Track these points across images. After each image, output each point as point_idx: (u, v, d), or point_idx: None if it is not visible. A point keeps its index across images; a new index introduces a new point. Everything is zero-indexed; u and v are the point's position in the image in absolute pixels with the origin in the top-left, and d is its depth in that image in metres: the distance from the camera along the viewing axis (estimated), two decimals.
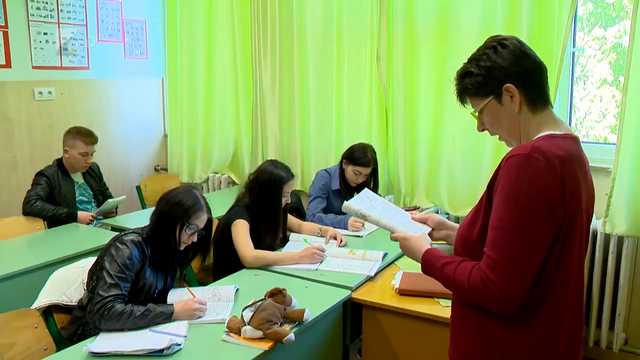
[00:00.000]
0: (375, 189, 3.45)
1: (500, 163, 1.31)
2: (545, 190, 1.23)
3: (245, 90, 4.44)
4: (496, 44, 1.37)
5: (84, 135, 3.47)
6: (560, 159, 1.26)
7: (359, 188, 3.47)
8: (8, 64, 3.84)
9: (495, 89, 1.36)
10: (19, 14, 3.87)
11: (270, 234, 2.85)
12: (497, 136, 1.45)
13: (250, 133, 4.45)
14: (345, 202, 1.72)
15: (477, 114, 1.43)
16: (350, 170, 3.36)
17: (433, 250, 1.47)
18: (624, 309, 3.06)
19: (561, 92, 3.25)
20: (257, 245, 2.70)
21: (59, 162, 3.51)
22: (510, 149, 1.33)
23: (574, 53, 3.30)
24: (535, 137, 1.33)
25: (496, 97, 1.36)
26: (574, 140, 1.36)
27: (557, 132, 1.34)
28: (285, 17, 4.09)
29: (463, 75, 1.41)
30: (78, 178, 3.58)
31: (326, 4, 3.89)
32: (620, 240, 3.02)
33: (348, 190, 3.43)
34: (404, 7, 3.50)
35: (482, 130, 1.46)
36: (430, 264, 1.44)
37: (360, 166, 3.32)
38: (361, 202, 1.73)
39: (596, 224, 3.07)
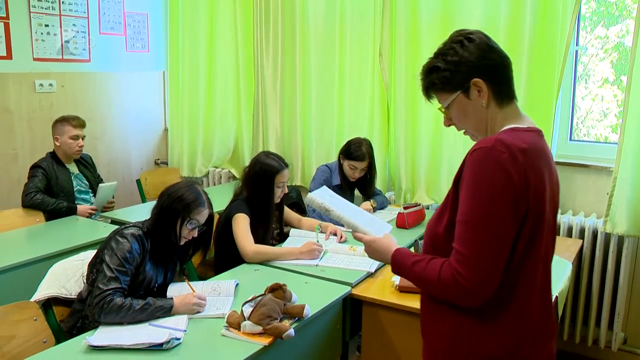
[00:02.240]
0: (371, 182, 3.46)
1: (465, 157, 1.30)
2: (508, 182, 1.23)
3: (246, 85, 4.43)
4: (463, 38, 1.36)
5: (71, 119, 3.48)
6: (523, 151, 1.25)
7: (359, 183, 3.47)
8: (9, 56, 3.82)
9: (463, 83, 1.34)
10: (20, 6, 3.85)
11: (263, 226, 2.82)
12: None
13: (251, 127, 4.44)
14: (309, 194, 1.71)
15: (444, 109, 1.41)
16: (346, 164, 3.36)
17: (402, 249, 1.46)
18: (623, 309, 3.06)
19: (563, 91, 3.24)
20: (255, 237, 2.70)
21: (52, 154, 3.49)
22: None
23: (576, 51, 3.29)
24: (499, 131, 1.33)
25: (464, 92, 1.35)
26: (538, 133, 1.36)
27: (521, 126, 1.34)
28: (287, 11, 4.07)
29: (430, 71, 1.40)
30: (73, 168, 3.57)
31: None
32: (621, 239, 3.02)
33: (349, 185, 3.43)
34: (407, 3, 3.48)
35: (449, 125, 1.44)
36: (400, 263, 1.43)
37: (355, 160, 3.31)
38: (322, 197, 1.71)
39: (597, 223, 3.07)
